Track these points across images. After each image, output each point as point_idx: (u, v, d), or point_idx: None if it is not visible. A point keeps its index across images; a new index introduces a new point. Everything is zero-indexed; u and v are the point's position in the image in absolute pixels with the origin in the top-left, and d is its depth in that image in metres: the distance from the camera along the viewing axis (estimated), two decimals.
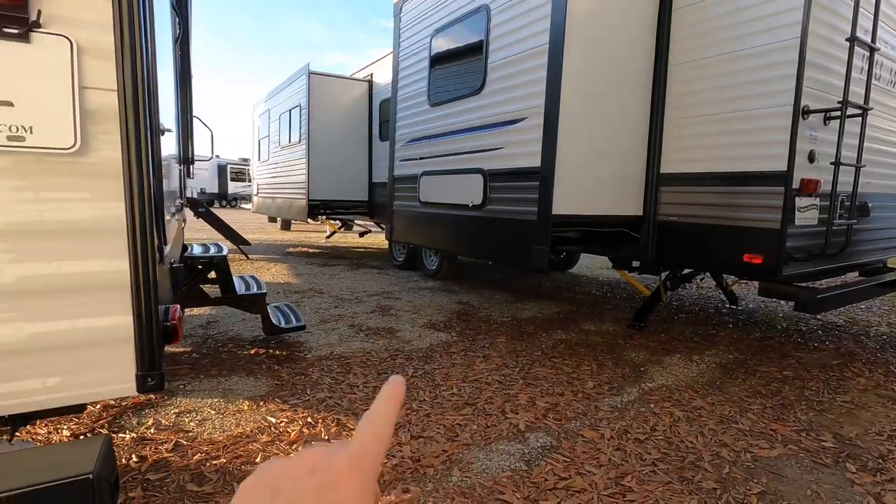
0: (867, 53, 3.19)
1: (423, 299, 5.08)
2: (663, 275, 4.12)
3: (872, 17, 3.15)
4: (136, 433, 2.19)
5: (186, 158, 3.71)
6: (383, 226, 8.06)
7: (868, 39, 3.14)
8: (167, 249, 1.28)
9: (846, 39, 2.98)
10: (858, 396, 2.84)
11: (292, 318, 3.41)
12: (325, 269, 6.90)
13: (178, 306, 1.31)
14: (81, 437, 2.15)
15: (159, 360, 1.13)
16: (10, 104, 0.98)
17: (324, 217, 8.90)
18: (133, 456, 2.00)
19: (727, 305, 5.17)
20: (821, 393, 2.88)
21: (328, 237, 10.93)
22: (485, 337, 3.83)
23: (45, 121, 1.01)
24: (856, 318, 4.72)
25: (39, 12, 0.95)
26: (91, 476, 0.76)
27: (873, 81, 3.26)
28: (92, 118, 1.06)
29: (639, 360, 3.38)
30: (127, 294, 1.11)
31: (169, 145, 2.14)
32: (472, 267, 7.30)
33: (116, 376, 1.14)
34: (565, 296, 5.56)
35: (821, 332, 4.24)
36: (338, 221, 9.65)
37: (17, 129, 0.98)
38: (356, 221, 9.54)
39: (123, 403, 2.49)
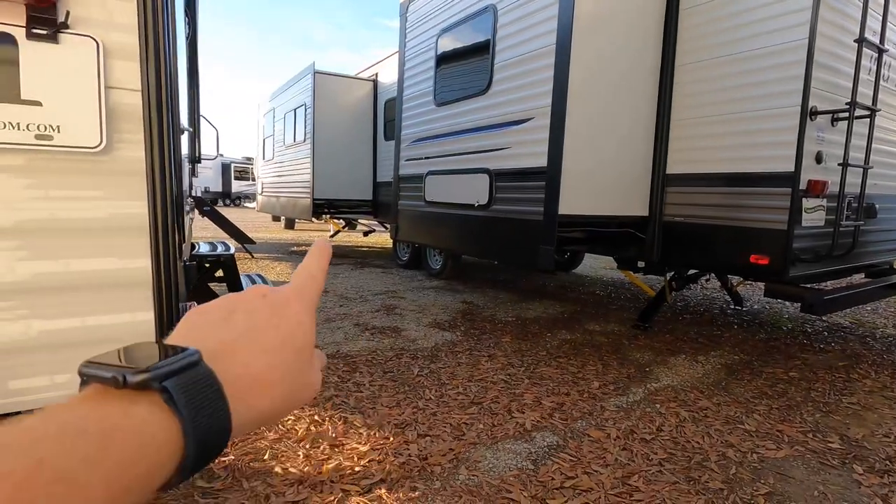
0: (875, 55, 3.18)
1: (428, 298, 5.09)
2: (668, 275, 4.12)
3: (881, 18, 3.14)
4: None
5: (194, 157, 3.73)
6: (387, 225, 8.08)
7: (876, 41, 3.14)
8: (186, 245, 1.29)
9: (854, 40, 2.97)
10: (865, 398, 2.84)
11: None
12: (330, 269, 6.89)
13: (195, 303, 1.32)
14: None
15: None
16: (39, 104, 0.99)
17: (328, 216, 8.92)
18: None
19: (732, 306, 5.17)
20: (827, 394, 2.88)
21: (332, 236, 10.96)
22: (490, 336, 3.83)
23: (72, 120, 1.02)
24: (862, 320, 4.71)
25: (68, 13, 0.96)
26: None
27: (881, 83, 3.25)
28: (117, 118, 1.07)
29: (644, 361, 3.38)
30: (149, 291, 1.12)
31: (183, 145, 2.16)
32: (476, 266, 7.30)
33: None
34: (570, 296, 5.57)
35: (826, 333, 4.23)
36: (342, 220, 9.68)
37: (45, 128, 0.99)
38: (360, 221, 9.56)
39: None
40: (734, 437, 2.33)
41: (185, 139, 2.37)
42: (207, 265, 3.10)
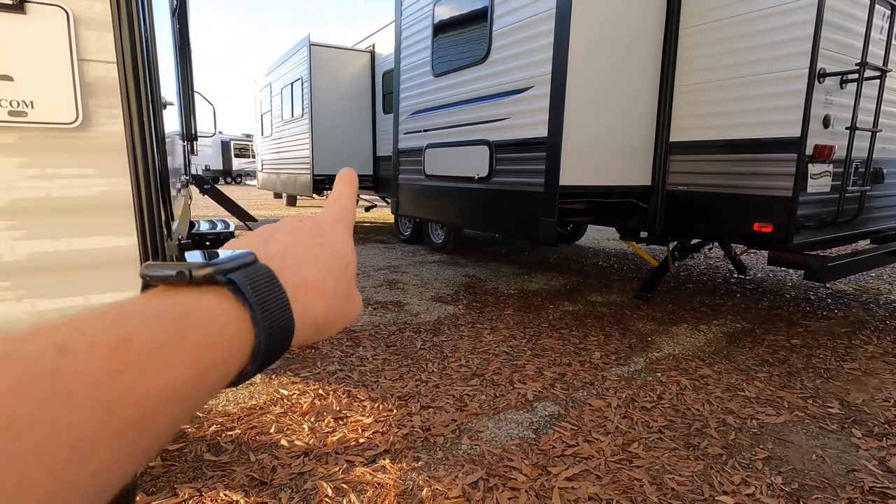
0: (888, 12, 3.06)
1: (431, 273, 5.10)
2: (671, 245, 4.10)
3: None
4: None
5: (189, 134, 3.68)
6: (388, 200, 8.03)
7: None
8: (175, 225, 1.28)
9: None
10: (866, 363, 2.85)
11: None
12: None
13: None
14: None
15: None
16: (10, 78, 0.96)
17: (329, 192, 8.87)
18: None
19: (735, 275, 5.15)
20: (828, 360, 2.89)
21: None
22: (492, 309, 3.85)
23: (46, 95, 0.99)
24: (866, 286, 4.69)
25: None
26: None
27: (893, 42, 3.14)
28: (92, 92, 1.04)
29: (646, 331, 3.39)
30: (136, 270, 1.11)
31: (171, 121, 2.12)
32: (478, 240, 7.29)
33: None
34: (572, 267, 5.56)
35: (829, 300, 4.22)
36: None
37: (18, 104, 0.97)
38: (362, 196, 9.50)
39: None
40: (734, 404, 2.35)
41: (173, 115, 2.33)
42: (207, 243, 3.09)
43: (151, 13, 1.11)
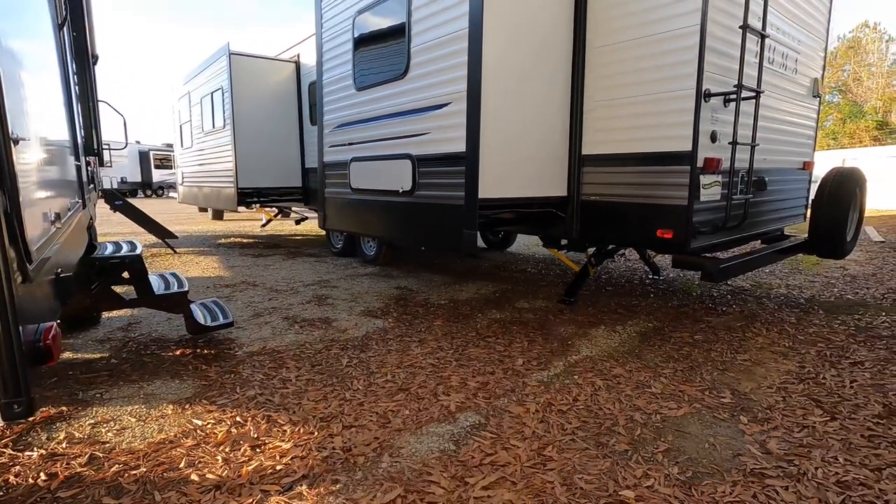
0: (759, 39, 3.44)
1: (362, 286, 5.05)
2: (589, 251, 4.33)
3: (762, 4, 3.39)
4: (46, 449, 2.06)
5: (91, 148, 3.43)
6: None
7: (759, 26, 3.39)
8: (36, 263, 1.17)
9: (739, 27, 3.20)
10: (756, 354, 3.16)
11: (219, 314, 3.29)
12: (260, 260, 6.68)
13: (55, 324, 1.21)
14: None
15: (25, 385, 1.04)
16: None
17: (258, 205, 8.56)
18: (41, 474, 1.89)
19: (650, 276, 5.53)
20: (724, 353, 3.17)
21: (263, 226, 10.55)
22: (422, 321, 3.88)
23: None
24: (760, 282, 5.20)
25: None
26: None
27: (766, 65, 3.53)
28: None
29: (567, 335, 3.56)
30: None
31: (56, 133, 1.95)
32: (411, 251, 7.31)
33: None
34: (502, 275, 5.72)
35: (730, 296, 4.63)
36: (274, 209, 9.31)
37: None
38: (293, 208, 9.23)
39: (31, 420, 2.33)
40: (641, 401, 2.51)
41: (62, 129, 2.15)
42: (112, 267, 2.89)
43: None
